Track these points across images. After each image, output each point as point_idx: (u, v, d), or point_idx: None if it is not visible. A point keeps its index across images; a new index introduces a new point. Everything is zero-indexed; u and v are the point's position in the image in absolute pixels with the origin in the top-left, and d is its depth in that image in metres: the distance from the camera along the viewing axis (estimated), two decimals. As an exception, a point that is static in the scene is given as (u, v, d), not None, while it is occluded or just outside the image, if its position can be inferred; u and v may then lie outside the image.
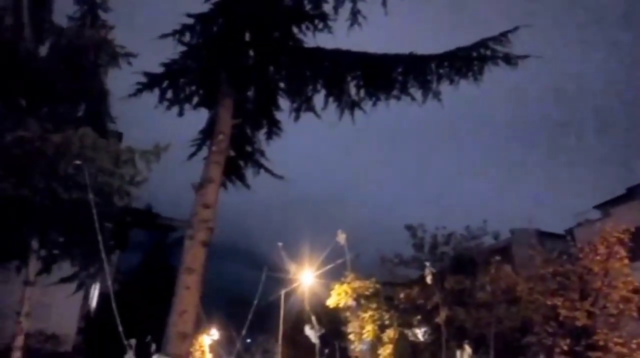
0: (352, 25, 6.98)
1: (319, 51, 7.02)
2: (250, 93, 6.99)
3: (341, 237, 16.29)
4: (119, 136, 10.06)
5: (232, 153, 6.48)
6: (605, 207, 24.86)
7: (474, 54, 6.47)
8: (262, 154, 7.16)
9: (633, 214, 21.86)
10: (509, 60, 6.30)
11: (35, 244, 8.33)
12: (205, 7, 6.82)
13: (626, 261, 13.95)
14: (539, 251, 15.55)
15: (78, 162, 6.68)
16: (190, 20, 6.74)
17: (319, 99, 7.14)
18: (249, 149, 7.10)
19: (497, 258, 16.24)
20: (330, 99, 7.06)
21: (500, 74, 6.34)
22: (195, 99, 6.78)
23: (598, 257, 13.81)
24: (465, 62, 6.47)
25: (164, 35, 6.70)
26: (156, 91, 6.69)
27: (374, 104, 7.10)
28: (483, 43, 6.44)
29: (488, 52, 6.38)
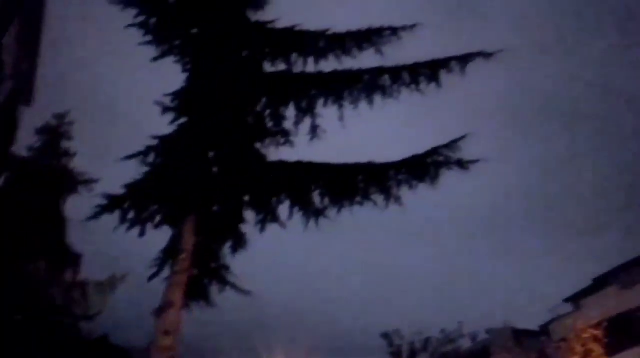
0: (312, 139, 7.34)
1: (281, 165, 7.26)
2: (214, 208, 6.98)
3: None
4: (77, 260, 9.67)
5: (195, 271, 6.28)
6: (576, 299, 24.98)
7: (429, 161, 6.85)
8: (228, 269, 6.97)
9: (602, 306, 22.00)
10: (462, 165, 6.68)
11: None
12: (170, 129, 7.06)
13: (604, 359, 13.71)
14: (516, 354, 15.14)
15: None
16: (155, 142, 6.91)
17: (284, 209, 7.26)
18: (213, 265, 6.91)
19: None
20: (296, 209, 7.16)
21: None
22: (158, 218, 6.70)
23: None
24: (422, 168, 6.81)
25: (128, 157, 6.80)
26: (117, 213, 6.59)
27: (339, 211, 7.23)
28: (436, 150, 6.87)
29: (441, 159, 6.77)
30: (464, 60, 6.72)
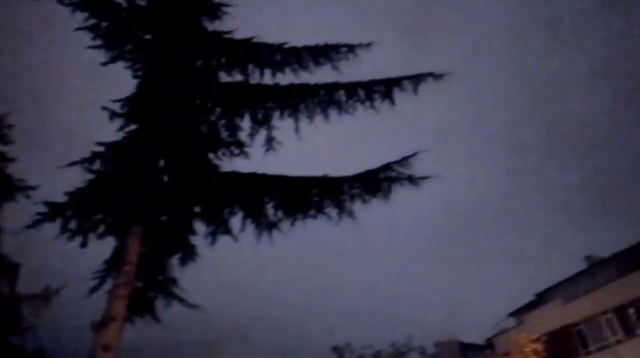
0: (267, 150, 7.30)
1: (235, 175, 7.15)
2: (162, 218, 6.76)
3: None
4: (13, 270, 9.05)
5: (139, 284, 6.03)
6: (519, 314, 25.94)
7: (381, 176, 6.97)
8: (175, 282, 6.74)
9: (544, 320, 22.96)
10: (413, 181, 6.84)
11: None
12: (118, 136, 6.81)
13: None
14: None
15: None
16: (101, 148, 6.64)
17: (236, 221, 7.14)
18: (160, 278, 6.67)
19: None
20: (248, 221, 7.06)
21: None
22: (102, 228, 6.41)
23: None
24: (374, 183, 6.91)
25: (73, 163, 6.49)
26: (58, 221, 6.25)
27: (292, 224, 7.20)
28: (388, 166, 7.00)
29: (393, 174, 6.90)
30: (416, 80, 6.92)
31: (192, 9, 7.39)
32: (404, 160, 6.88)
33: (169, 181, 6.79)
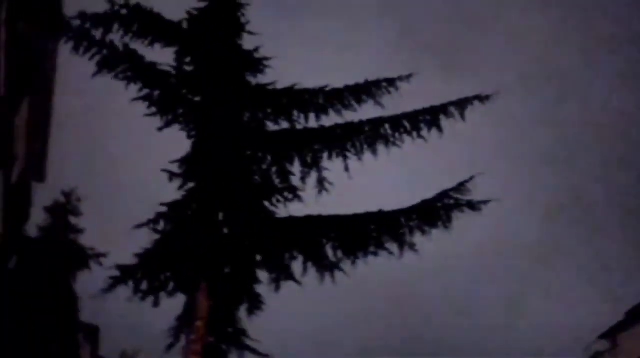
0: (320, 192, 7.37)
1: (291, 220, 7.25)
2: (226, 271, 6.91)
3: None
4: (95, 333, 9.48)
5: (211, 339, 6.12)
6: (611, 335, 23.83)
7: (439, 205, 6.82)
8: (245, 333, 6.79)
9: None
10: (473, 206, 6.64)
11: None
12: (178, 195, 7.12)
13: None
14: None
15: None
16: (164, 209, 6.96)
17: (297, 266, 7.18)
18: (230, 330, 6.75)
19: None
20: (309, 264, 7.08)
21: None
22: (171, 286, 6.63)
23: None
24: (432, 213, 6.77)
25: (139, 226, 6.83)
26: (130, 283, 6.54)
27: (353, 263, 7.15)
28: (445, 194, 6.86)
29: (451, 202, 6.74)
30: (462, 104, 6.84)
31: (236, 68, 7.74)
32: (460, 186, 6.73)
33: (229, 233, 6.98)
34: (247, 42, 7.79)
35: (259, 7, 8.18)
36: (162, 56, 7.30)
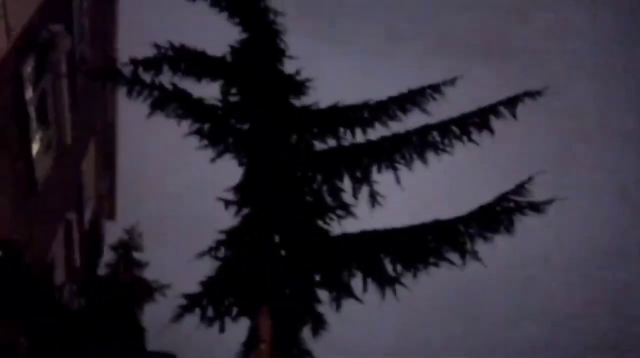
0: (372, 206, 7.30)
1: (346, 237, 7.22)
2: (287, 292, 6.97)
3: None
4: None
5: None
6: None
7: (498, 209, 6.55)
8: (310, 354, 6.79)
9: None
10: (536, 208, 6.34)
11: None
12: (235, 221, 7.32)
13: None
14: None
15: None
16: (223, 236, 7.17)
17: (357, 283, 7.11)
18: (295, 352, 6.77)
19: None
20: (369, 281, 6.99)
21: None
22: (235, 311, 6.78)
23: None
24: (492, 218, 6.51)
25: (201, 254, 7.07)
26: (197, 311, 6.75)
27: (414, 276, 6.98)
28: (504, 197, 6.58)
29: (511, 205, 6.45)
30: (512, 103, 6.58)
31: (279, 92, 7.94)
32: (519, 188, 6.43)
33: (286, 255, 7.06)
34: (288, 66, 8.01)
35: (296, 29, 8.39)
36: (209, 90, 7.65)
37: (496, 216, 6.60)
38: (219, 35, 7.99)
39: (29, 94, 7.02)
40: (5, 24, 5.90)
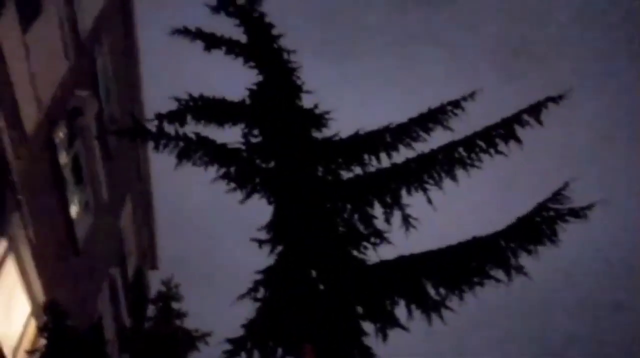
0: (407, 230, 7.16)
1: (384, 265, 7.09)
2: (330, 328, 6.84)
3: None
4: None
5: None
6: None
7: (538, 219, 6.31)
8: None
9: None
10: (577, 214, 6.08)
11: None
12: (271, 260, 7.31)
13: None
14: None
15: None
16: (260, 276, 7.15)
17: (401, 311, 6.92)
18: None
19: None
20: (413, 307, 6.81)
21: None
22: (280, 352, 6.69)
23: None
24: (533, 229, 6.28)
25: (240, 297, 7.06)
26: (243, 355, 6.70)
27: (460, 298, 6.77)
28: (542, 206, 6.35)
29: (551, 213, 6.22)
30: (535, 110, 6.41)
31: (300, 128, 8.01)
32: (556, 196, 6.19)
33: (325, 290, 6.96)
34: (306, 101, 8.10)
35: (309, 60, 8.53)
36: (232, 133, 7.81)
37: (537, 227, 6.36)
38: (237, 79, 8.21)
39: (63, 158, 7.35)
40: (35, 96, 6.27)
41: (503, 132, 6.57)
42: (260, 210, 7.76)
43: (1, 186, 5.08)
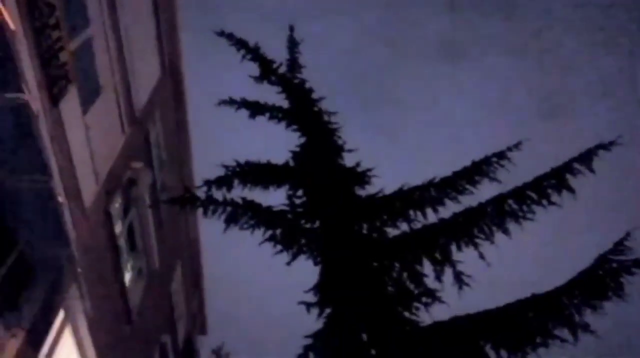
0: (460, 288, 6.86)
1: (438, 326, 6.75)
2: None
3: None
4: None
5: None
6: None
7: (601, 273, 5.91)
8: None
9: None
10: (641, 264, 5.66)
11: None
12: (319, 324, 7.13)
13: None
14: None
15: None
16: (309, 340, 6.97)
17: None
18: None
19: None
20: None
21: None
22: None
23: None
24: (596, 284, 5.86)
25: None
26: None
27: (524, 358, 6.30)
28: (604, 258, 5.96)
29: (614, 266, 5.81)
30: (586, 158, 6.19)
31: (344, 187, 8.06)
32: (618, 247, 5.81)
33: (377, 354, 6.67)
34: (348, 160, 8.21)
35: (351, 126, 8.71)
36: (276, 195, 7.96)
37: (601, 281, 5.94)
38: (281, 142, 8.47)
39: (118, 228, 7.67)
40: (94, 170, 6.68)
41: (554, 181, 6.35)
42: (308, 271, 7.72)
43: (60, 258, 5.33)
